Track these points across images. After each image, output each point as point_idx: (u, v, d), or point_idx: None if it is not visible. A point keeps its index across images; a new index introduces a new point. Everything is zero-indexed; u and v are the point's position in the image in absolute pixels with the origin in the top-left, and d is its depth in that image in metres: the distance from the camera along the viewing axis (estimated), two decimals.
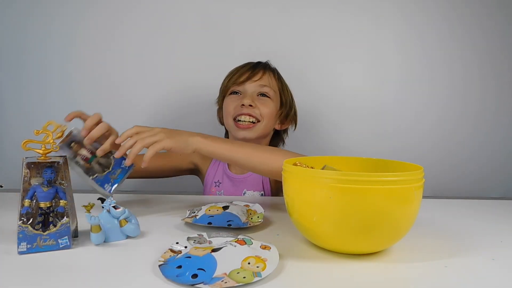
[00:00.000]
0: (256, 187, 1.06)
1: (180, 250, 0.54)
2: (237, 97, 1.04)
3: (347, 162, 0.73)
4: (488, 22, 1.28)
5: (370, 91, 1.31)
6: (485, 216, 0.83)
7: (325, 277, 0.50)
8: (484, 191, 1.33)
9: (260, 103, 1.02)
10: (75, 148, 0.73)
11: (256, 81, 1.03)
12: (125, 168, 0.73)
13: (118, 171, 0.73)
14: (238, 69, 1.07)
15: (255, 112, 1.01)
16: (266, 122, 1.03)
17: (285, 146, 1.17)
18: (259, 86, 1.03)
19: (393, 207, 0.52)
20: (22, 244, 0.55)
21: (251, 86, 1.03)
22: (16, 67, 1.28)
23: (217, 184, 1.09)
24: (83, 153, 0.73)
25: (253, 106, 1.01)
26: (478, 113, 1.32)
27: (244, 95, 1.03)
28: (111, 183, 0.72)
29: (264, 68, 1.07)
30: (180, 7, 1.27)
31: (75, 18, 1.26)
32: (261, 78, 1.04)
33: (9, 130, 1.29)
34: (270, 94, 1.04)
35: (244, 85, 1.04)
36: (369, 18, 1.28)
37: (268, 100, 1.04)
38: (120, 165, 0.73)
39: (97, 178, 0.72)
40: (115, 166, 0.73)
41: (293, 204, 0.59)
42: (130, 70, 1.28)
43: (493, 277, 0.51)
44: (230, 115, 1.04)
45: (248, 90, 1.03)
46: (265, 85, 1.04)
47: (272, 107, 1.04)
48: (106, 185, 0.72)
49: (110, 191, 0.71)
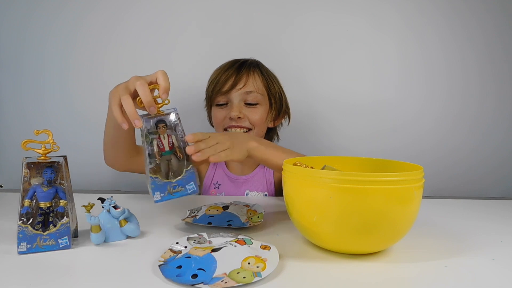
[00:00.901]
0: (259, 188, 1.05)
1: (180, 250, 0.54)
2: (224, 109, 1.00)
3: (347, 162, 0.73)
4: (488, 20, 1.28)
5: (368, 91, 1.31)
6: (485, 216, 0.83)
7: (325, 277, 0.50)
8: (483, 191, 1.33)
9: (248, 112, 0.99)
10: (161, 130, 0.62)
11: (241, 89, 0.98)
12: (186, 191, 0.61)
13: (179, 189, 0.61)
14: (220, 72, 1.01)
15: (245, 123, 0.98)
16: (258, 129, 1.01)
17: (279, 142, 1.16)
18: (244, 94, 0.98)
19: (393, 207, 0.52)
20: (22, 244, 0.55)
21: (236, 95, 0.98)
22: (15, 68, 1.27)
23: (216, 186, 1.08)
24: (164, 141, 0.62)
25: (241, 117, 0.97)
26: (477, 113, 1.32)
27: (231, 106, 0.99)
28: (164, 194, 0.61)
29: (247, 69, 1.00)
30: (178, 9, 1.27)
31: (74, 20, 1.26)
32: (245, 85, 0.98)
33: (9, 130, 1.29)
34: (257, 100, 1.00)
35: (229, 95, 0.99)
36: (367, 17, 1.28)
37: (256, 107, 1.00)
38: (186, 185, 0.61)
39: (154, 180, 0.60)
40: (181, 181, 0.61)
41: (293, 204, 0.59)
42: (129, 71, 1.26)
43: (493, 277, 0.51)
44: (220, 126, 1.01)
45: (234, 100, 0.98)
46: (251, 91, 0.99)
47: (262, 112, 1.01)
48: (157, 193, 0.60)
49: (156, 201, 0.60)
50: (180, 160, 0.62)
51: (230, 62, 1.04)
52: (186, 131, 0.65)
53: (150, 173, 0.60)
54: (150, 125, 0.61)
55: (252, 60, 1.06)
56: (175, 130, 0.62)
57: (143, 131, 0.61)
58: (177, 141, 0.62)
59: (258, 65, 1.05)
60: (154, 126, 0.61)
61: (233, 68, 1.01)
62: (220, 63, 1.06)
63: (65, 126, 1.26)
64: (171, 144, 0.62)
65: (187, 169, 0.61)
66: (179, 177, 0.61)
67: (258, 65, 1.06)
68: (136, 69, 1.27)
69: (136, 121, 0.60)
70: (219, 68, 1.04)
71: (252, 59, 1.07)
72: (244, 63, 1.03)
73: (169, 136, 0.62)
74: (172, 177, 0.61)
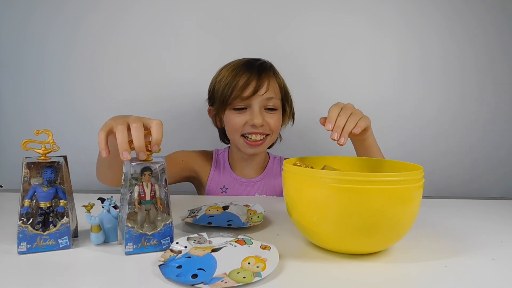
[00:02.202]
0: (268, 191, 1.04)
1: (180, 250, 0.54)
2: (243, 114, 0.96)
3: (347, 162, 0.73)
4: (487, 20, 1.28)
5: (368, 90, 1.31)
6: (485, 216, 0.83)
7: (325, 277, 0.50)
8: (483, 191, 1.33)
9: (269, 118, 0.97)
10: (146, 178, 0.58)
11: (263, 95, 0.95)
12: (161, 245, 0.57)
13: (153, 242, 0.57)
14: (236, 74, 0.96)
15: (265, 129, 0.97)
16: (275, 135, 1.01)
17: (281, 142, 1.17)
18: (266, 100, 0.96)
19: (393, 207, 0.52)
20: (22, 244, 0.55)
21: (257, 101, 0.95)
22: (15, 68, 1.28)
23: (223, 190, 1.06)
24: (146, 190, 0.58)
25: (264, 124, 0.96)
26: (476, 112, 1.32)
27: (252, 112, 0.95)
28: (137, 247, 0.56)
29: (267, 74, 0.97)
30: (178, 9, 1.27)
31: (74, 20, 1.26)
32: (267, 91, 0.95)
33: (9, 130, 1.29)
34: (277, 106, 0.98)
35: (250, 101, 0.95)
36: (367, 17, 1.28)
37: (275, 113, 0.99)
38: (162, 239, 0.57)
39: (129, 229, 0.55)
40: (157, 235, 0.57)
41: (293, 204, 0.59)
42: (128, 72, 1.28)
43: (493, 277, 0.51)
44: (238, 132, 0.98)
45: (255, 107, 0.95)
46: (272, 97, 0.96)
47: (279, 118, 1.00)
48: (129, 244, 0.55)
49: (127, 253, 0.56)
50: (159, 212, 0.58)
51: (244, 62, 0.99)
52: (187, 131, 0.64)
53: (126, 221, 0.56)
54: (135, 171, 0.57)
55: (267, 62, 1.03)
56: (159, 180, 0.59)
57: (127, 175, 0.57)
58: (159, 192, 0.59)
59: (272, 68, 1.02)
60: (139, 173, 0.57)
61: (252, 71, 0.96)
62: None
63: (65, 126, 1.26)
64: (153, 194, 0.58)
65: (166, 223, 0.58)
66: (156, 230, 0.57)
67: (272, 68, 1.02)
68: (136, 69, 1.28)
69: (125, 152, 0.56)
70: (231, 67, 0.99)
71: (264, 61, 1.03)
72: (262, 66, 0.99)
73: (152, 186, 0.58)
74: (148, 228, 0.57)
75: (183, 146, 1.12)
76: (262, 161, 1.09)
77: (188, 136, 1.28)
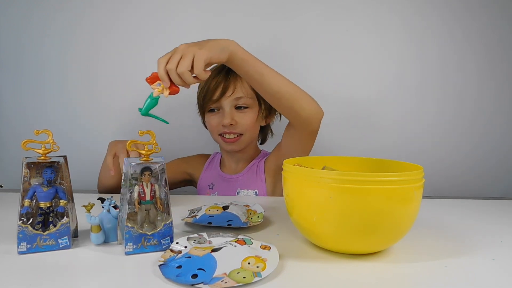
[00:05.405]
0: (250, 186, 1.06)
1: (180, 250, 0.54)
2: (216, 115, 1.03)
3: (347, 162, 0.73)
4: (486, 21, 1.28)
5: (368, 91, 1.30)
6: (485, 216, 0.83)
7: (325, 277, 0.50)
8: (482, 190, 1.33)
9: (240, 117, 1.01)
10: (145, 178, 0.58)
11: (230, 96, 1.00)
12: (161, 245, 0.57)
13: (153, 242, 0.57)
14: (209, 80, 1.01)
15: (236, 129, 1.01)
16: (250, 133, 1.04)
17: (274, 137, 1.17)
18: (234, 100, 1.01)
19: (393, 207, 0.52)
20: (22, 244, 0.55)
21: (226, 102, 1.01)
22: (15, 68, 1.28)
23: (211, 187, 1.10)
24: (146, 190, 0.58)
25: (233, 124, 1.00)
26: (476, 113, 1.32)
27: (222, 112, 1.01)
28: (137, 247, 0.56)
29: (235, 75, 1.00)
30: (177, 9, 1.27)
31: (74, 20, 1.26)
32: (234, 91, 1.00)
33: (9, 130, 1.29)
34: (248, 103, 1.02)
35: (220, 102, 1.01)
36: (367, 17, 1.28)
37: (247, 111, 1.02)
38: (162, 239, 0.57)
39: (129, 229, 0.55)
40: (157, 235, 0.57)
41: (293, 204, 0.59)
42: (128, 71, 1.28)
43: (493, 277, 0.51)
44: (215, 132, 1.04)
45: (225, 107, 1.01)
46: (241, 97, 1.01)
47: (252, 116, 1.03)
48: (129, 244, 0.55)
49: (127, 253, 0.56)
50: (159, 212, 0.59)
51: (218, 67, 1.03)
52: (187, 131, 0.65)
53: (126, 221, 0.56)
54: (135, 171, 0.57)
55: None
56: (159, 180, 0.59)
57: (127, 175, 0.58)
58: (159, 191, 0.59)
59: None
60: (139, 173, 0.57)
61: (220, 75, 1.01)
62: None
63: (65, 126, 1.26)
64: (153, 193, 0.58)
65: (165, 223, 0.58)
66: (156, 230, 0.57)
67: None
68: (135, 69, 1.28)
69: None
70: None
71: None
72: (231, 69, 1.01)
73: (152, 186, 0.58)
74: (148, 228, 0.57)
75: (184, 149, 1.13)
76: (250, 158, 1.11)
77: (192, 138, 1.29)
